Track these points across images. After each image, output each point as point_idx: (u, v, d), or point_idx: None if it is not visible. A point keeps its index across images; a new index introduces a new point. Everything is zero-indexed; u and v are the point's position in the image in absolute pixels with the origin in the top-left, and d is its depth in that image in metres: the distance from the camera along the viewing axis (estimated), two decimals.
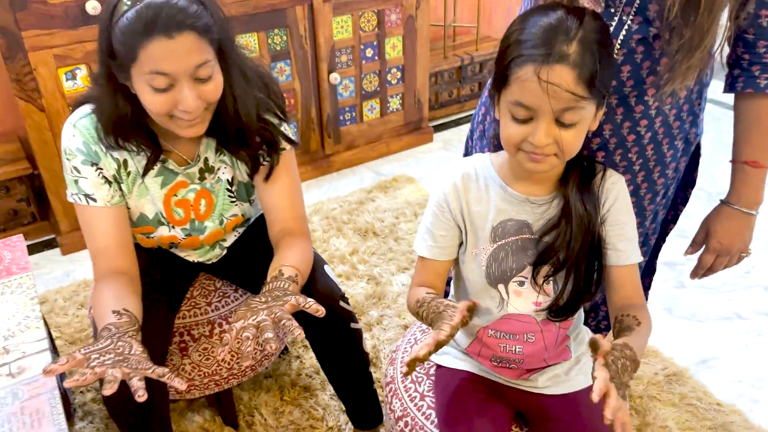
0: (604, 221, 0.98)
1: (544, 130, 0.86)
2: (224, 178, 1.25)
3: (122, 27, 0.97)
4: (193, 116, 1.04)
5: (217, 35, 1.03)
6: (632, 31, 0.98)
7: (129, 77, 1.02)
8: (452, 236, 1.01)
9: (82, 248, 2.20)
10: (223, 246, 1.38)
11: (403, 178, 2.56)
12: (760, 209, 1.12)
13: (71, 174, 1.15)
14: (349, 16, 2.42)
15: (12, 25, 1.84)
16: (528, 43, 0.84)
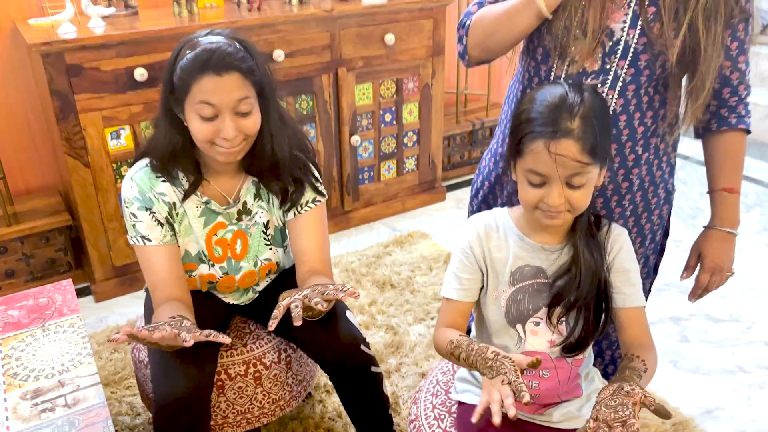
0: (611, 268, 1.10)
1: (556, 193, 1.00)
2: (260, 222, 1.40)
3: (182, 65, 1.18)
4: (231, 145, 1.22)
5: (259, 80, 1.22)
6: (627, 82, 1.13)
7: (182, 109, 1.22)
8: (476, 279, 1.13)
9: (114, 296, 2.33)
10: (256, 290, 1.51)
11: (418, 234, 2.69)
12: (739, 230, 1.29)
13: (129, 220, 1.31)
14: (370, 83, 2.62)
15: (67, 89, 2.02)
16: (537, 121, 0.99)
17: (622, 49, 1.11)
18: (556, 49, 1.15)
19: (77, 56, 2.00)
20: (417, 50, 2.67)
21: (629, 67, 1.12)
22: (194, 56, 1.17)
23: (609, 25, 1.10)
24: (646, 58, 1.10)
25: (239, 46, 1.21)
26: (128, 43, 2.06)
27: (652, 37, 1.08)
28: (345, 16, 2.44)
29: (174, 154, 1.28)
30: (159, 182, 1.31)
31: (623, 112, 1.15)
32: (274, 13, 2.36)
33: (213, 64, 1.15)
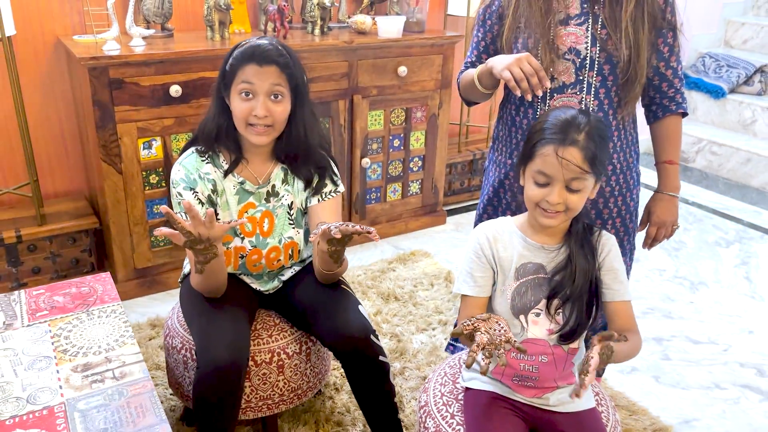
0: (601, 267, 1.28)
1: (557, 193, 1.20)
2: (286, 203, 1.61)
3: (234, 56, 1.48)
4: (263, 123, 1.47)
5: (295, 78, 1.49)
6: (597, 87, 1.48)
7: (229, 93, 1.49)
8: (488, 276, 1.30)
9: (134, 296, 2.46)
10: (281, 279, 1.67)
11: (420, 253, 2.86)
12: (680, 193, 1.66)
13: (175, 198, 1.54)
14: (382, 111, 2.82)
15: (108, 101, 2.20)
16: (550, 130, 1.21)
17: (589, 63, 1.46)
18: None
19: (120, 71, 2.18)
20: (426, 82, 2.88)
21: (597, 75, 1.47)
22: (244, 50, 1.47)
23: (576, 47, 1.45)
24: (608, 67, 1.46)
25: (281, 48, 1.49)
26: (166, 62, 2.25)
27: (609, 50, 1.44)
28: (362, 48, 2.65)
29: (219, 133, 1.54)
30: (203, 163, 1.55)
31: (599, 110, 1.49)
32: (297, 41, 2.56)
33: (257, 56, 1.44)
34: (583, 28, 1.45)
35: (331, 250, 1.43)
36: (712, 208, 3.46)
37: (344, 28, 2.88)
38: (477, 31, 1.62)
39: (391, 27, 2.72)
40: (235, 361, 1.40)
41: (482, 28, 1.60)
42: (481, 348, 1.02)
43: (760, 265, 2.89)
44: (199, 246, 1.35)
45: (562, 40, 1.45)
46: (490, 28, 1.58)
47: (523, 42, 1.48)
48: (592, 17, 1.45)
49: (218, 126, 1.54)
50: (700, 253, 2.99)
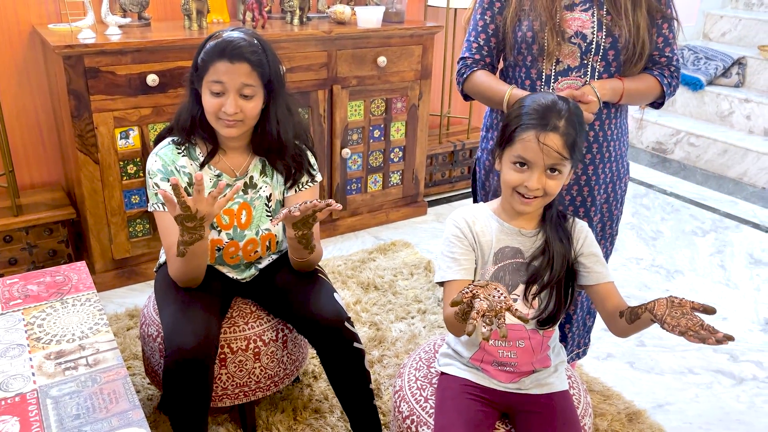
0: (581, 254, 1.29)
1: (536, 178, 1.21)
2: (264, 195, 1.61)
3: (206, 50, 1.46)
4: (232, 120, 1.45)
5: (268, 74, 1.47)
6: (600, 72, 1.51)
7: (201, 85, 1.47)
8: (471, 258, 1.30)
9: (112, 287, 2.45)
10: (258, 267, 1.67)
11: (401, 243, 2.87)
12: None
13: (152, 189, 1.52)
14: (362, 101, 2.82)
15: (83, 90, 2.18)
16: (530, 115, 1.21)
17: (594, 47, 1.49)
18: (545, 55, 1.48)
19: (95, 60, 2.16)
20: (406, 73, 2.89)
21: (601, 60, 1.50)
22: (216, 44, 1.44)
23: (582, 31, 1.48)
24: (612, 53, 1.49)
25: (255, 42, 1.46)
26: (143, 51, 2.23)
27: (614, 34, 1.47)
28: (342, 38, 2.64)
29: (193, 123, 1.53)
30: (180, 156, 1.53)
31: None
32: (276, 31, 2.55)
33: (228, 53, 1.42)
34: (589, 13, 1.48)
35: (298, 235, 1.44)
36: (689, 199, 3.50)
37: (323, 18, 2.88)
38: (482, 14, 1.59)
39: (371, 17, 2.72)
40: (201, 349, 1.40)
41: (489, 11, 1.58)
42: (481, 315, 0.98)
43: (735, 254, 2.94)
44: (190, 223, 1.34)
45: (568, 24, 1.48)
46: (499, 10, 1.56)
47: (528, 25, 1.50)
48: (597, 4, 1.48)
49: (192, 116, 1.53)
50: (676, 242, 3.04)
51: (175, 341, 1.41)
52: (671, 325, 1.03)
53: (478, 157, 1.76)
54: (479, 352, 1.34)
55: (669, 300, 1.08)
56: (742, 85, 4.16)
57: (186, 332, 1.41)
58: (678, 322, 1.03)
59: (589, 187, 1.61)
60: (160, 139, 1.59)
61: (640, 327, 1.16)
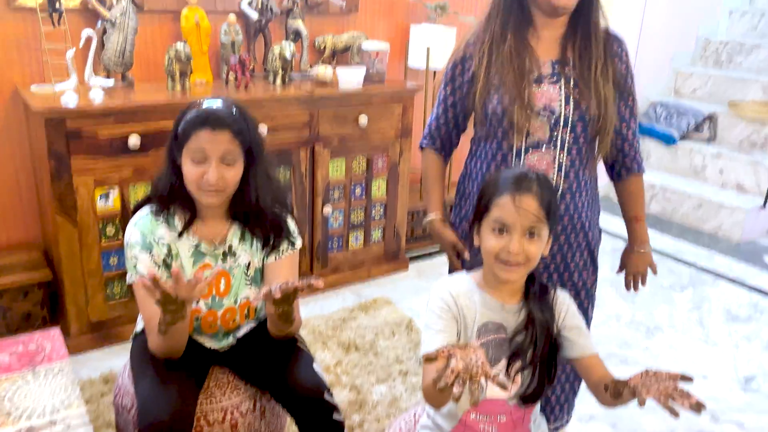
0: (563, 327, 1.30)
1: (516, 240, 1.23)
2: (243, 263, 1.59)
3: (187, 119, 1.46)
4: (214, 188, 1.45)
5: (248, 141, 1.47)
6: (570, 144, 1.54)
7: (180, 154, 1.47)
8: (454, 332, 1.29)
9: (88, 350, 2.40)
10: (236, 336, 1.66)
11: (382, 301, 2.86)
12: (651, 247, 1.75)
13: (131, 261, 1.50)
14: (343, 159, 2.85)
15: (64, 152, 2.18)
16: (504, 182, 1.26)
17: (563, 121, 1.52)
18: (515, 129, 1.51)
19: (77, 122, 2.17)
20: (387, 132, 2.93)
21: (570, 132, 1.54)
22: (197, 113, 1.45)
23: (551, 105, 1.52)
24: (580, 125, 1.53)
25: (234, 111, 1.48)
26: (125, 113, 2.25)
27: (581, 108, 1.51)
28: (324, 98, 2.69)
29: (172, 192, 1.51)
30: (158, 226, 1.52)
31: (570, 167, 1.56)
32: (259, 92, 2.59)
33: (210, 121, 1.43)
34: (557, 86, 1.52)
35: (278, 312, 1.42)
36: (667, 253, 3.56)
37: (306, 77, 2.93)
38: (444, 87, 1.64)
39: (352, 78, 2.77)
40: (176, 424, 1.37)
41: (451, 84, 1.62)
42: (455, 374, 0.95)
43: (712, 310, 2.97)
44: (171, 306, 1.33)
45: (536, 98, 1.51)
46: (459, 86, 1.61)
47: (498, 99, 1.52)
48: (564, 78, 1.52)
49: (171, 185, 1.52)
50: (655, 298, 3.06)
51: (150, 415, 1.38)
52: (643, 392, 1.07)
53: (452, 222, 1.78)
54: (459, 426, 1.32)
55: (645, 372, 1.12)
56: (713, 140, 4.28)
57: (161, 406, 1.38)
58: (650, 389, 1.07)
59: (562, 254, 1.63)
60: (138, 209, 1.58)
61: (625, 401, 1.18)
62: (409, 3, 3.31)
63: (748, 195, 3.90)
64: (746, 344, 2.70)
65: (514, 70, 1.49)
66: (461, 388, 0.94)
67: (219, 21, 2.72)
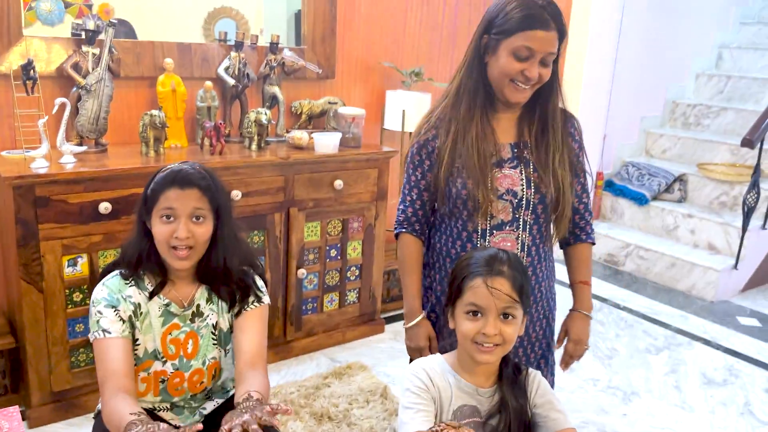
0: (534, 405, 1.28)
1: (492, 323, 1.23)
2: (210, 323, 1.58)
3: (156, 181, 1.49)
4: (184, 245, 1.46)
5: (216, 200, 1.50)
6: (531, 225, 1.58)
7: (150, 217, 1.48)
8: (432, 413, 1.26)
9: (49, 422, 2.31)
10: (203, 413, 1.61)
11: (357, 366, 2.80)
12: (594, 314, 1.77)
13: (94, 317, 1.47)
14: (318, 222, 2.85)
15: (32, 219, 2.15)
16: (475, 265, 1.26)
17: (525, 203, 1.56)
18: (480, 211, 1.53)
19: (47, 189, 2.15)
20: (362, 194, 2.94)
21: (531, 214, 1.58)
22: (165, 174, 1.49)
23: (513, 188, 1.56)
24: (541, 207, 1.58)
25: (203, 172, 1.51)
26: (96, 180, 2.23)
27: (541, 191, 1.56)
28: (299, 163, 2.70)
29: (140, 257, 1.52)
30: (127, 287, 1.51)
31: (532, 245, 1.60)
32: (234, 157, 2.60)
33: (178, 180, 1.46)
34: (517, 170, 1.56)
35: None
36: (642, 313, 3.56)
37: (282, 142, 2.95)
38: (414, 171, 1.64)
39: (328, 142, 2.80)
40: None
41: (420, 167, 1.63)
42: None
43: (689, 373, 2.96)
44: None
45: (499, 182, 1.55)
46: (429, 167, 1.62)
47: (462, 183, 1.54)
48: (523, 162, 1.57)
49: (140, 250, 1.52)
50: (631, 361, 3.05)
51: None
52: None
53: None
54: None
55: None
56: (684, 201, 4.37)
57: None
58: None
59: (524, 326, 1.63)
60: (106, 273, 1.56)
61: None
62: (385, 69, 3.38)
63: (720, 255, 3.96)
64: (722, 409, 2.68)
65: (479, 154, 1.52)
66: None
67: (195, 87, 2.74)
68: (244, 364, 1.51)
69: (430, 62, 3.55)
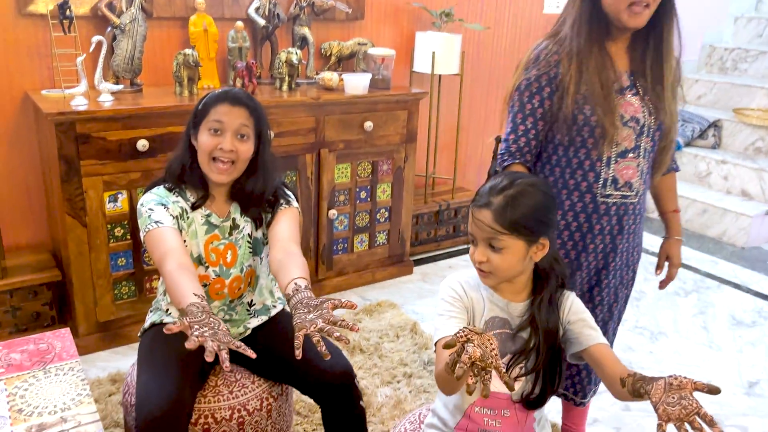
0: (567, 323, 1.30)
1: (478, 251, 1.27)
2: (246, 233, 1.66)
3: (207, 98, 1.58)
4: (227, 158, 1.53)
5: (260, 124, 1.58)
6: (648, 151, 1.61)
7: (197, 132, 1.56)
8: (465, 320, 1.31)
9: (95, 350, 2.43)
10: (247, 327, 1.69)
11: (387, 304, 2.87)
12: None
13: (145, 214, 1.53)
14: (348, 164, 2.88)
15: (74, 155, 2.21)
16: (478, 195, 1.30)
17: (646, 130, 1.60)
18: (606, 138, 1.57)
19: (87, 126, 2.21)
20: (392, 137, 2.96)
21: (650, 141, 1.62)
22: (217, 93, 1.58)
23: (636, 115, 1.59)
24: (658, 134, 1.62)
25: (252, 97, 1.60)
26: (134, 117, 2.28)
27: (660, 117, 1.59)
28: (330, 104, 2.72)
29: (184, 172, 1.60)
30: (172, 195, 1.59)
31: (647, 173, 1.65)
32: (265, 97, 2.62)
33: (230, 97, 1.55)
34: (637, 97, 1.58)
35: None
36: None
37: (312, 84, 2.96)
38: (530, 99, 1.62)
39: (358, 84, 2.80)
40: (169, 418, 1.38)
41: (538, 95, 1.61)
42: (472, 362, 0.94)
43: (717, 315, 2.97)
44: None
45: (624, 108, 1.57)
46: (548, 95, 1.60)
47: (590, 110, 1.55)
48: (642, 89, 1.59)
49: (183, 165, 1.60)
50: (659, 303, 3.07)
51: (145, 408, 1.40)
52: (662, 417, 1.01)
53: None
54: (464, 420, 1.34)
55: (667, 383, 1.05)
56: (718, 147, 4.29)
57: (155, 400, 1.41)
58: (670, 414, 1.01)
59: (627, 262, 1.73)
60: (151, 188, 1.63)
61: (642, 400, 1.14)
62: (415, 9, 3.34)
63: (753, 201, 3.91)
64: (750, 349, 2.70)
65: (601, 82, 1.54)
66: (475, 380, 0.94)
67: (226, 27, 2.75)
68: (278, 251, 1.54)
69: (461, 3, 3.50)
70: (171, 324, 1.18)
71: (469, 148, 3.85)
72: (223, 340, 1.19)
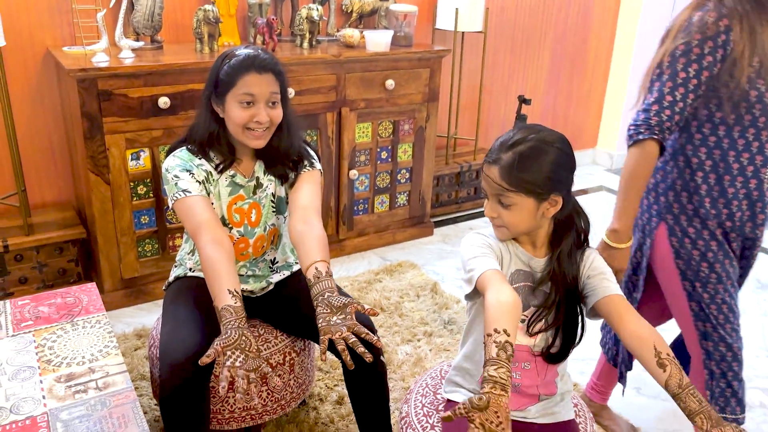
0: (588, 275, 1.29)
1: (488, 206, 1.28)
2: (269, 192, 1.66)
3: (231, 64, 1.50)
4: (262, 128, 1.52)
5: (284, 84, 1.56)
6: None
7: (223, 101, 1.52)
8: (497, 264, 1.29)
9: (120, 306, 2.47)
10: (270, 281, 1.71)
11: (407, 264, 2.88)
12: None
13: (172, 181, 1.53)
14: (370, 123, 2.85)
15: (96, 112, 2.21)
16: (490, 149, 1.28)
17: None
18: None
19: (109, 83, 2.20)
20: (414, 96, 2.92)
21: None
22: (242, 59, 1.50)
23: None
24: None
25: (274, 57, 1.55)
26: (155, 74, 2.27)
27: None
28: (351, 61, 2.68)
29: (210, 139, 1.57)
30: (196, 159, 1.58)
31: None
32: (286, 54, 2.59)
33: (257, 65, 1.49)
34: None
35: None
36: None
37: (333, 41, 2.92)
38: (685, 67, 1.43)
39: (380, 41, 2.75)
40: (192, 367, 1.39)
41: (696, 64, 1.42)
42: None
43: None
44: None
45: None
46: (709, 65, 1.42)
47: (765, 85, 1.42)
48: None
49: (210, 133, 1.57)
50: None
51: (168, 357, 1.43)
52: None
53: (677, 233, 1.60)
54: None
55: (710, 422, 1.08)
56: None
57: (178, 347, 1.43)
58: None
59: None
60: (173, 150, 1.62)
61: None
62: None
63: None
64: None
65: None
66: None
67: None
68: (298, 220, 1.55)
69: None
70: (205, 357, 1.24)
71: (491, 108, 3.79)
72: (252, 365, 1.27)
